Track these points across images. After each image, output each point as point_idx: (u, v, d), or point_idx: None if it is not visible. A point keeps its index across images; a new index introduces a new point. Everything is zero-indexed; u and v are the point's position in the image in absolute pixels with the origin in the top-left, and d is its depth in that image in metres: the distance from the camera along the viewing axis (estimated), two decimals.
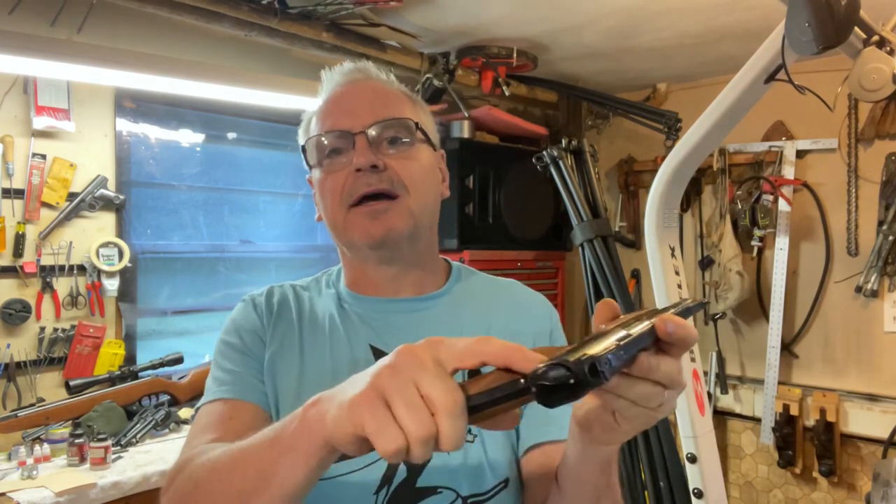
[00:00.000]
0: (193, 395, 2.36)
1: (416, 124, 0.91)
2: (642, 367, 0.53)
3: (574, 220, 2.86)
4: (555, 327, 0.97)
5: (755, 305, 3.08)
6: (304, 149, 0.94)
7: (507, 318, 0.95)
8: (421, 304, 0.94)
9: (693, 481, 2.27)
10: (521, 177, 3.05)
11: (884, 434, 2.68)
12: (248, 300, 0.95)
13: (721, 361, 3.15)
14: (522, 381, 0.48)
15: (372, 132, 0.87)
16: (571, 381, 0.44)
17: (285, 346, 0.90)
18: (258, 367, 0.89)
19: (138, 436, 2.10)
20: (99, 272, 2.28)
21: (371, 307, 0.93)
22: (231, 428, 0.80)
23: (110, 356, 2.32)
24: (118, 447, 2.04)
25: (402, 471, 0.83)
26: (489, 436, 0.85)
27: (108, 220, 2.35)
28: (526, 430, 0.87)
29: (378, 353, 0.89)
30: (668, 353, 0.55)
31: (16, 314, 2.12)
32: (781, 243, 2.92)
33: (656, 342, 0.55)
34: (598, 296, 2.81)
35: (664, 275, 2.28)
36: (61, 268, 2.23)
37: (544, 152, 2.93)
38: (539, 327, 0.96)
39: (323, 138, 0.90)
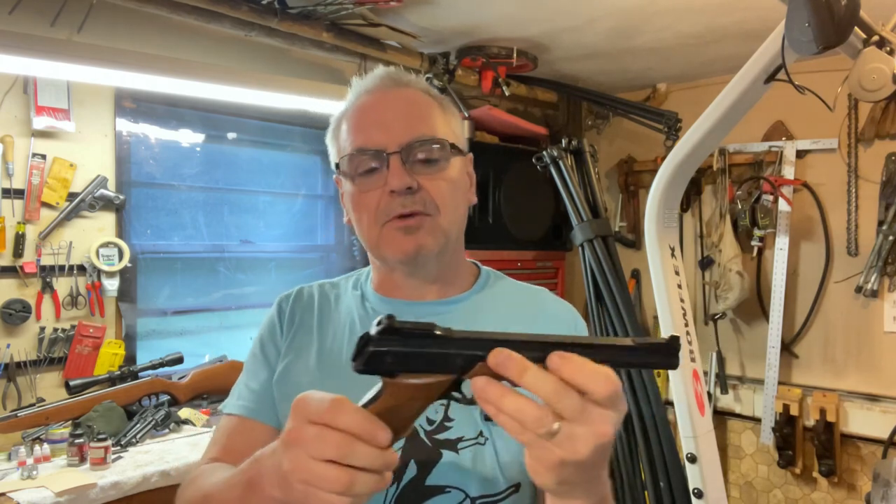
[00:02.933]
0: (193, 395, 2.36)
1: (451, 144, 0.91)
2: (498, 359, 0.56)
3: (574, 220, 2.86)
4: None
5: (755, 305, 3.08)
6: (340, 160, 0.94)
7: (529, 326, 0.95)
8: (441, 307, 0.95)
9: (693, 481, 2.27)
10: (521, 177, 3.05)
11: (884, 434, 2.69)
12: (276, 303, 1.01)
13: (721, 361, 3.15)
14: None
15: (406, 153, 0.88)
16: (364, 336, 0.58)
17: (302, 351, 0.95)
18: (272, 378, 0.94)
19: (138, 436, 2.10)
20: (99, 272, 2.28)
21: (392, 309, 0.94)
22: (232, 446, 0.91)
23: (110, 356, 2.32)
24: (118, 447, 2.04)
25: (411, 468, 0.84)
26: (501, 439, 0.86)
27: (108, 220, 2.35)
28: None
29: None
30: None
31: (16, 314, 2.12)
32: (781, 243, 2.92)
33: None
34: (599, 296, 2.81)
35: (664, 275, 2.28)
36: (61, 268, 2.23)
37: (544, 152, 2.93)
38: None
39: (356, 156, 0.90)
